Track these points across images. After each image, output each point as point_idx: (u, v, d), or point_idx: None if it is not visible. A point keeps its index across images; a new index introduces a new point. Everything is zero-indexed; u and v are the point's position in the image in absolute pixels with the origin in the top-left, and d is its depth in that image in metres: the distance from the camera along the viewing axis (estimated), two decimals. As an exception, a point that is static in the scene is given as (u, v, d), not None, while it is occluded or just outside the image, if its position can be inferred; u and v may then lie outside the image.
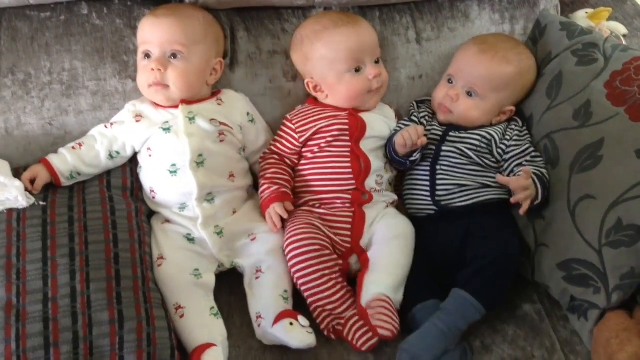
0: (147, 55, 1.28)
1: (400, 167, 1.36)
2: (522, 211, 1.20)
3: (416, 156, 1.30)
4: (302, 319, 1.16)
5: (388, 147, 1.34)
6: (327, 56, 1.31)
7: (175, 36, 1.27)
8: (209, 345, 1.14)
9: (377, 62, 1.34)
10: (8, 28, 1.33)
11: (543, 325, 1.23)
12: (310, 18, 1.39)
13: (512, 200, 1.21)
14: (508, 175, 1.28)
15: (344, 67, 1.31)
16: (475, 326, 1.19)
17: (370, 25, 1.37)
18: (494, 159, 1.31)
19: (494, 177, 1.30)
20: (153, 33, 1.28)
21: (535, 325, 1.23)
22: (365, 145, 1.33)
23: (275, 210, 1.27)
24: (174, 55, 1.27)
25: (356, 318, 1.17)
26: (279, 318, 1.16)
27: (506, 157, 1.30)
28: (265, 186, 1.31)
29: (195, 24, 1.30)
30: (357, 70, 1.32)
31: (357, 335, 1.15)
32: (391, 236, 1.26)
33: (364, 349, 1.15)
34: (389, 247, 1.24)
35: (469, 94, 1.33)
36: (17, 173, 1.25)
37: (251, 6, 1.40)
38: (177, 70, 1.27)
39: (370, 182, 1.32)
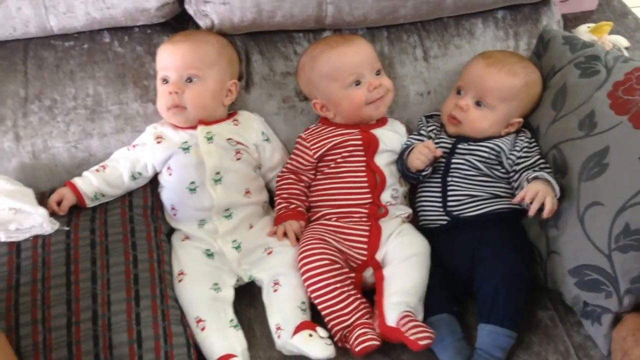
0: (165, 80, 1.34)
1: (413, 181, 1.39)
2: (546, 213, 1.20)
3: (428, 170, 1.33)
4: (321, 330, 1.18)
5: (399, 163, 1.37)
6: (326, 76, 1.36)
7: (190, 61, 1.32)
8: (229, 356, 1.17)
9: (378, 73, 1.38)
10: (34, 57, 1.39)
11: (557, 330, 1.25)
12: (310, 45, 1.44)
13: (531, 211, 1.21)
14: (517, 188, 1.30)
15: (344, 83, 1.35)
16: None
17: (366, 41, 1.42)
18: (503, 170, 1.34)
19: (504, 188, 1.33)
20: (170, 59, 1.34)
21: (548, 331, 1.25)
22: (380, 159, 1.37)
23: (292, 226, 1.32)
24: (190, 79, 1.32)
25: (361, 327, 1.18)
26: (298, 329, 1.19)
27: (516, 167, 1.32)
28: (283, 205, 1.35)
29: (209, 48, 1.36)
30: (358, 83, 1.36)
31: (357, 341, 1.16)
32: (407, 255, 1.27)
33: (357, 350, 1.15)
34: (405, 267, 1.25)
35: (478, 104, 1.36)
36: (43, 197, 1.29)
37: (264, 30, 1.45)
38: (193, 92, 1.32)
39: (385, 196, 1.35)
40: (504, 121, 1.36)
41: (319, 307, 1.23)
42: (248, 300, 1.31)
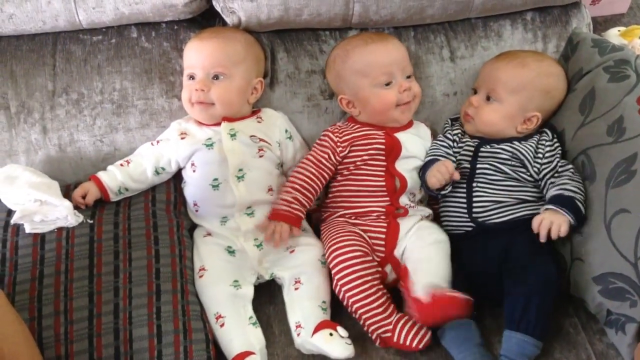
0: (192, 77, 1.34)
1: (432, 198, 1.39)
2: (543, 237, 1.22)
3: (447, 189, 1.32)
4: (341, 330, 1.18)
5: (422, 179, 1.36)
6: (358, 72, 1.35)
7: (218, 59, 1.32)
8: (248, 354, 1.18)
9: (408, 77, 1.38)
10: (62, 51, 1.41)
11: (579, 338, 1.24)
12: (343, 39, 1.44)
13: (541, 237, 1.23)
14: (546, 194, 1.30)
15: (374, 81, 1.34)
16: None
17: (400, 43, 1.41)
18: (529, 173, 1.32)
19: (531, 192, 1.31)
20: (197, 57, 1.34)
21: (571, 339, 1.23)
22: (401, 165, 1.36)
23: (282, 228, 1.28)
24: (216, 77, 1.33)
25: (403, 320, 1.18)
26: (318, 328, 1.19)
27: (541, 175, 1.31)
28: (286, 199, 1.31)
29: (237, 45, 1.36)
30: (388, 84, 1.35)
31: (409, 336, 1.16)
32: (427, 243, 1.27)
33: (420, 346, 1.16)
34: (427, 253, 1.25)
35: (488, 98, 1.36)
36: (68, 189, 1.31)
37: (291, 28, 1.45)
38: (219, 89, 1.32)
39: (403, 199, 1.34)
40: (518, 115, 1.34)
41: (350, 301, 1.21)
42: (267, 298, 1.31)
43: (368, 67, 1.34)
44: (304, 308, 1.24)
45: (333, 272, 1.24)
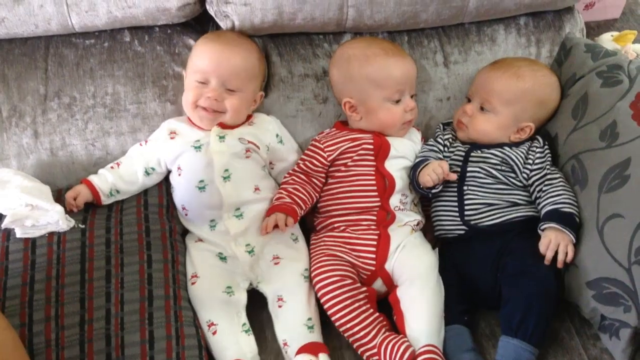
0: (203, 82, 1.32)
1: (423, 196, 1.39)
2: (559, 264, 1.21)
3: (438, 188, 1.32)
4: (323, 357, 1.17)
5: (412, 177, 1.36)
6: (374, 81, 1.34)
7: (238, 73, 1.32)
8: (240, 361, 1.17)
9: (412, 97, 1.38)
10: (55, 54, 1.40)
11: (573, 343, 1.23)
12: (358, 40, 1.42)
13: (546, 260, 1.21)
14: (536, 200, 1.30)
15: (388, 95, 1.34)
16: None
17: (412, 60, 1.40)
18: (518, 179, 1.32)
19: (522, 195, 1.32)
20: (216, 65, 1.31)
21: (565, 343, 1.23)
22: (390, 165, 1.36)
23: (277, 217, 1.29)
24: (232, 90, 1.32)
25: (386, 342, 1.16)
26: (301, 350, 1.19)
27: (530, 181, 1.31)
28: (281, 195, 1.33)
29: (255, 61, 1.37)
30: (397, 101, 1.35)
31: (392, 356, 1.15)
32: (419, 276, 1.25)
33: None
34: (421, 292, 1.23)
35: (482, 108, 1.36)
36: (60, 194, 1.30)
37: (284, 32, 1.45)
38: (232, 101, 1.32)
39: (394, 201, 1.34)
40: (512, 125, 1.35)
41: (340, 329, 1.22)
42: (261, 303, 1.30)
43: (386, 80, 1.33)
44: (288, 328, 1.24)
45: (318, 296, 1.24)
